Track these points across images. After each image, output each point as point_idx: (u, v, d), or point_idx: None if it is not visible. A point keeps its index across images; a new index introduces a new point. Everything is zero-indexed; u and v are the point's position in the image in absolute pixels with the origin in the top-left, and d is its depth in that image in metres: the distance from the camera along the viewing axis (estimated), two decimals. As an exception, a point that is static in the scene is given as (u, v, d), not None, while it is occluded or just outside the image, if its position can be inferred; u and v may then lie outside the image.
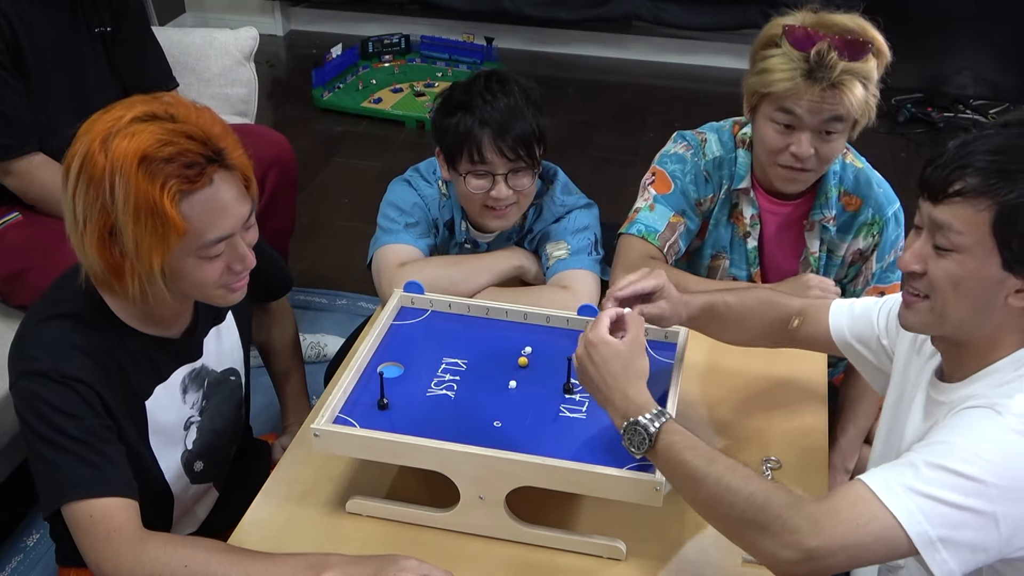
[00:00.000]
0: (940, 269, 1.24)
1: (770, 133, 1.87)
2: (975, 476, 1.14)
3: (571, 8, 4.66)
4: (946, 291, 1.24)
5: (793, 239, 2.04)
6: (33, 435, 1.40)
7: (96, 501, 1.37)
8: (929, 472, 1.16)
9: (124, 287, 1.41)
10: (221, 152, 1.38)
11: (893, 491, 1.16)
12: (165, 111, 1.37)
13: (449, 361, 1.62)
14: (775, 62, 1.80)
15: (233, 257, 1.44)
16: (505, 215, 1.90)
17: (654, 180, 2.01)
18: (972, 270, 1.22)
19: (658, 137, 2.23)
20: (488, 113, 1.80)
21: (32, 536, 2.24)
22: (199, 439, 1.64)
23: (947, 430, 1.21)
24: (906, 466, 1.19)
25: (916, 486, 1.16)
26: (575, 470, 1.36)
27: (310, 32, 5.09)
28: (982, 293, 1.23)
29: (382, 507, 1.49)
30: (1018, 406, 1.18)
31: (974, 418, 1.20)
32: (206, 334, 1.62)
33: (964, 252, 1.21)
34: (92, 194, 1.34)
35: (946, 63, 4.09)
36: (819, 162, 1.87)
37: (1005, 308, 1.23)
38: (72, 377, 1.40)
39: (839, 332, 1.59)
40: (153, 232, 1.34)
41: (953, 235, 1.21)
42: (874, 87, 1.82)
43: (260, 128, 2.55)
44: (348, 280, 3.18)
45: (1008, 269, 1.20)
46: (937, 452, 1.18)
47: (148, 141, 1.32)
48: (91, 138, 1.34)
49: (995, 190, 1.18)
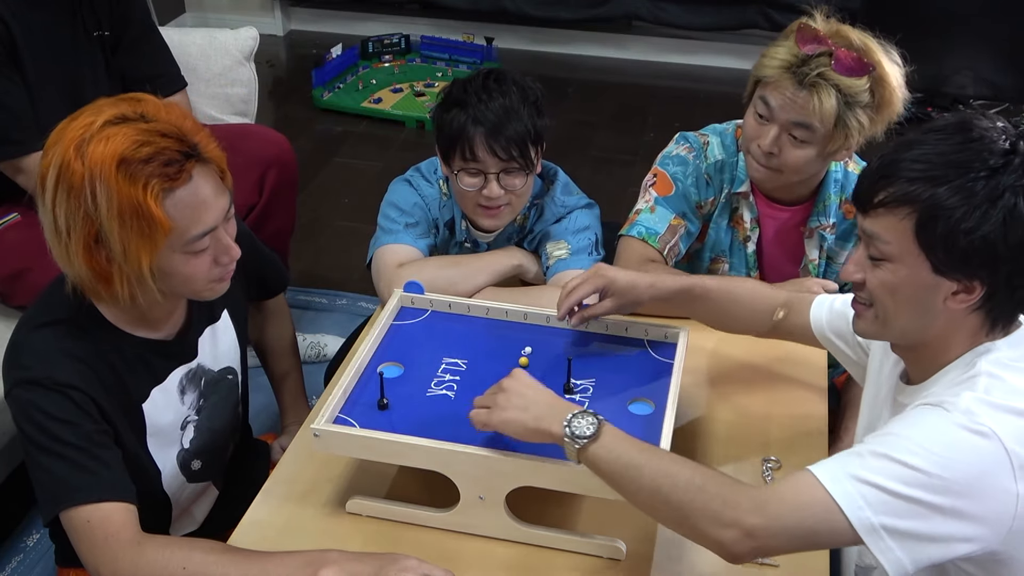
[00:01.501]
0: (875, 278, 1.27)
1: (750, 120, 1.89)
2: (918, 467, 1.16)
3: (571, 8, 4.65)
4: (885, 299, 1.27)
5: (792, 245, 2.04)
6: (29, 443, 1.41)
7: (93, 506, 1.37)
8: (874, 461, 1.19)
9: (113, 292, 1.40)
10: (196, 147, 1.38)
11: (836, 478, 1.19)
12: (134, 111, 1.37)
13: (449, 361, 1.62)
14: (775, 51, 1.82)
15: (219, 250, 1.44)
16: (498, 215, 1.90)
17: (655, 181, 2.01)
18: (905, 277, 1.24)
19: (658, 137, 2.23)
20: (482, 112, 1.80)
21: (32, 536, 2.24)
22: (196, 438, 1.64)
23: (896, 423, 1.24)
24: (853, 455, 1.22)
25: (860, 474, 1.18)
26: (575, 470, 1.36)
27: (310, 32, 5.09)
28: (919, 299, 1.24)
29: (382, 507, 1.49)
30: (964, 403, 1.20)
31: (922, 414, 1.23)
32: (201, 334, 1.62)
33: (895, 261, 1.24)
34: (73, 203, 1.33)
35: (946, 63, 4.08)
36: (782, 164, 1.86)
37: (946, 311, 1.24)
38: (66, 384, 1.40)
39: (818, 325, 1.61)
40: (140, 234, 1.33)
41: (882, 244, 1.24)
42: (860, 113, 1.78)
43: (260, 128, 2.55)
44: (348, 280, 3.18)
45: (939, 273, 1.22)
46: (884, 443, 1.21)
47: (124, 143, 1.32)
48: (64, 147, 1.33)
49: (913, 198, 1.20)
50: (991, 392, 1.20)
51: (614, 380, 1.58)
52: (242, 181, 2.37)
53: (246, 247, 1.51)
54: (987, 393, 1.20)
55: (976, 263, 1.20)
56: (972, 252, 1.19)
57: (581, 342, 1.68)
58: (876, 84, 1.78)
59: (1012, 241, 1.18)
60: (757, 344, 1.78)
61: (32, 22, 2.06)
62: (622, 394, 1.55)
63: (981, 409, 1.18)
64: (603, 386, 1.56)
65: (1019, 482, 1.17)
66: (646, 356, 1.64)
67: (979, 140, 1.20)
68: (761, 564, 1.41)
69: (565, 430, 1.31)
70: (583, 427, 1.30)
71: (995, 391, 1.21)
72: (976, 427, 1.17)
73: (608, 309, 1.63)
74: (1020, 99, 4.18)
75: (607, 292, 1.62)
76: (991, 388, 1.21)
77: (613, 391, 1.55)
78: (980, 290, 1.22)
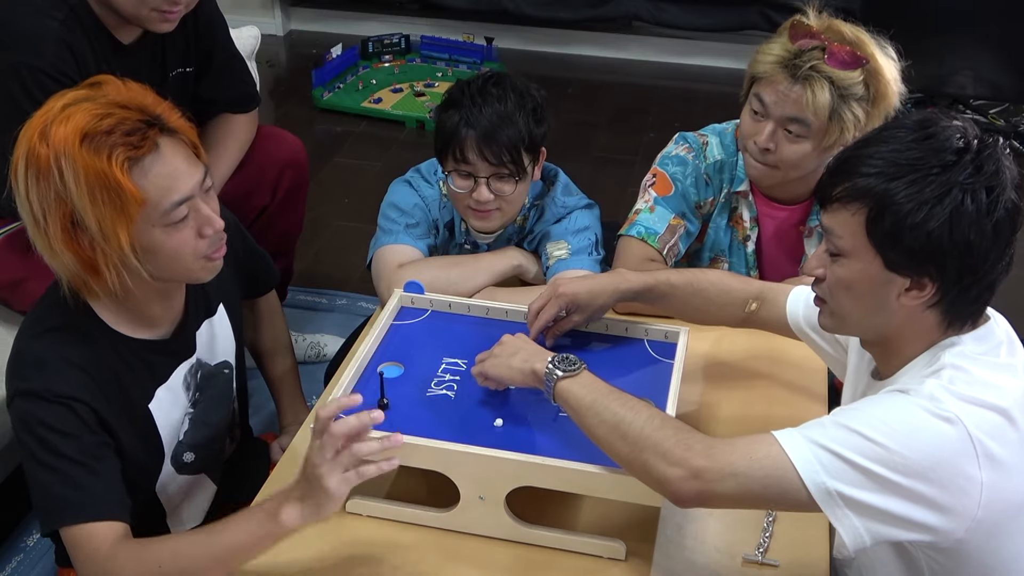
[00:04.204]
0: (832, 274, 1.28)
1: (746, 118, 1.90)
2: (880, 442, 1.17)
3: (571, 8, 4.65)
4: (840, 294, 1.28)
5: (791, 244, 2.04)
6: (28, 456, 1.41)
7: (80, 527, 1.38)
8: (835, 430, 1.20)
9: (103, 282, 1.40)
10: (159, 117, 1.38)
11: (795, 440, 1.20)
12: (95, 92, 1.38)
13: (449, 361, 1.62)
14: (769, 47, 1.83)
15: (200, 221, 1.43)
16: (487, 218, 1.90)
17: (655, 182, 2.01)
18: (858, 273, 1.25)
19: (658, 137, 2.23)
20: (475, 115, 1.80)
21: (32, 536, 2.24)
22: (191, 430, 1.64)
23: (862, 402, 1.26)
24: (815, 425, 1.23)
25: (819, 439, 1.19)
26: (575, 470, 1.37)
27: (310, 32, 5.09)
28: (873, 295, 1.25)
29: (382, 507, 1.49)
30: (928, 389, 1.20)
31: (888, 396, 1.24)
32: (198, 327, 1.62)
33: (849, 256, 1.25)
34: (44, 185, 1.33)
35: (946, 63, 4.08)
36: (779, 160, 1.87)
37: (901, 308, 1.25)
38: (67, 396, 1.40)
39: (795, 318, 1.61)
40: (113, 207, 1.33)
41: (837, 239, 1.25)
42: (855, 106, 1.78)
43: (275, 130, 2.54)
44: (348, 280, 3.18)
45: (891, 269, 1.22)
46: (847, 416, 1.22)
47: (85, 119, 1.33)
48: (29, 136, 1.34)
49: (864, 193, 1.21)
50: (955, 383, 1.21)
51: (614, 380, 1.57)
52: (258, 183, 2.38)
53: (237, 239, 1.51)
54: (951, 383, 1.21)
55: (923, 259, 1.20)
56: (919, 248, 1.19)
57: (581, 342, 1.68)
58: (870, 77, 1.79)
59: (957, 238, 1.18)
60: (757, 345, 1.78)
61: (115, 69, 2.05)
62: (622, 394, 1.54)
63: (945, 396, 1.19)
64: (603, 386, 1.56)
65: (983, 470, 1.17)
66: (646, 356, 1.64)
67: (934, 137, 1.21)
68: (761, 564, 1.42)
69: (548, 365, 1.40)
70: (564, 364, 1.40)
71: (959, 382, 1.21)
72: (941, 412, 1.18)
73: (577, 323, 1.66)
74: (1020, 99, 4.18)
75: (571, 307, 1.63)
76: (955, 379, 1.21)
77: (613, 391, 1.55)
78: (931, 287, 1.22)
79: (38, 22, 1.93)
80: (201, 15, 2.16)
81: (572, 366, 1.40)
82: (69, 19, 1.94)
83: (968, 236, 1.18)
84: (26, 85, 1.89)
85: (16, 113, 1.51)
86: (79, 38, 1.96)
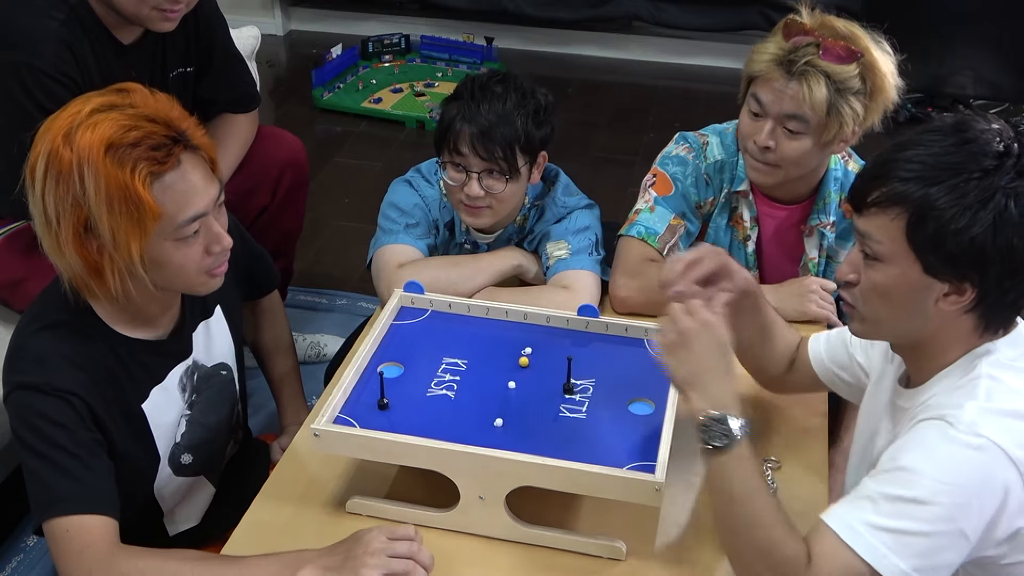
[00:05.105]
0: (867, 279, 1.27)
1: (744, 119, 1.90)
2: (932, 501, 1.16)
3: (571, 8, 4.65)
4: (874, 299, 1.27)
5: (792, 244, 2.04)
6: (24, 448, 1.41)
7: (75, 518, 1.37)
8: (887, 505, 1.18)
9: (106, 286, 1.40)
10: (184, 133, 1.39)
11: (856, 531, 1.19)
12: (122, 100, 1.38)
13: (449, 361, 1.62)
14: (764, 47, 1.84)
15: (209, 238, 1.44)
16: (478, 214, 1.90)
17: (655, 181, 2.01)
18: (896, 277, 1.23)
19: (658, 137, 2.23)
20: (474, 111, 1.81)
21: (32, 536, 2.24)
22: (188, 432, 1.64)
23: (903, 452, 1.22)
24: (865, 500, 1.21)
25: (876, 521, 1.18)
26: (575, 470, 1.36)
27: (310, 32, 5.09)
28: (910, 299, 1.24)
29: (382, 507, 1.49)
30: (968, 415, 1.19)
31: (927, 435, 1.21)
32: (194, 329, 1.62)
33: (887, 261, 1.24)
34: (62, 189, 1.33)
35: (946, 63, 4.08)
36: (780, 159, 1.86)
37: (938, 313, 1.24)
38: (64, 390, 1.40)
39: (819, 362, 1.59)
40: (129, 219, 1.34)
41: (874, 244, 1.24)
42: (853, 100, 1.79)
43: (276, 130, 2.55)
44: (348, 280, 3.18)
45: (930, 274, 1.21)
46: (893, 481, 1.20)
47: (112, 128, 1.32)
48: (52, 136, 1.34)
49: (904, 198, 1.20)
50: (992, 397, 1.20)
51: (614, 380, 1.58)
52: (258, 183, 2.38)
53: (236, 241, 1.51)
54: (988, 399, 1.20)
55: (965, 264, 1.19)
56: (961, 253, 1.18)
57: (581, 342, 1.68)
58: (866, 70, 1.79)
59: (1001, 243, 1.17)
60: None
61: (115, 69, 2.05)
62: (622, 394, 1.54)
63: (985, 420, 1.18)
64: (603, 386, 1.56)
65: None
66: (646, 356, 1.64)
67: (974, 141, 1.20)
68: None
69: (700, 425, 1.28)
70: (716, 434, 1.27)
71: (996, 395, 1.20)
72: (980, 444, 1.17)
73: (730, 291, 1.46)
74: (1020, 99, 4.18)
75: (723, 271, 1.46)
76: (992, 392, 1.21)
77: (613, 391, 1.55)
78: (971, 292, 1.21)
79: (38, 22, 1.93)
80: (201, 15, 2.16)
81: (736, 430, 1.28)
82: (69, 19, 1.94)
83: (1011, 241, 1.17)
84: (26, 85, 1.89)
85: (17, 113, 1.52)
86: (79, 38, 1.96)
